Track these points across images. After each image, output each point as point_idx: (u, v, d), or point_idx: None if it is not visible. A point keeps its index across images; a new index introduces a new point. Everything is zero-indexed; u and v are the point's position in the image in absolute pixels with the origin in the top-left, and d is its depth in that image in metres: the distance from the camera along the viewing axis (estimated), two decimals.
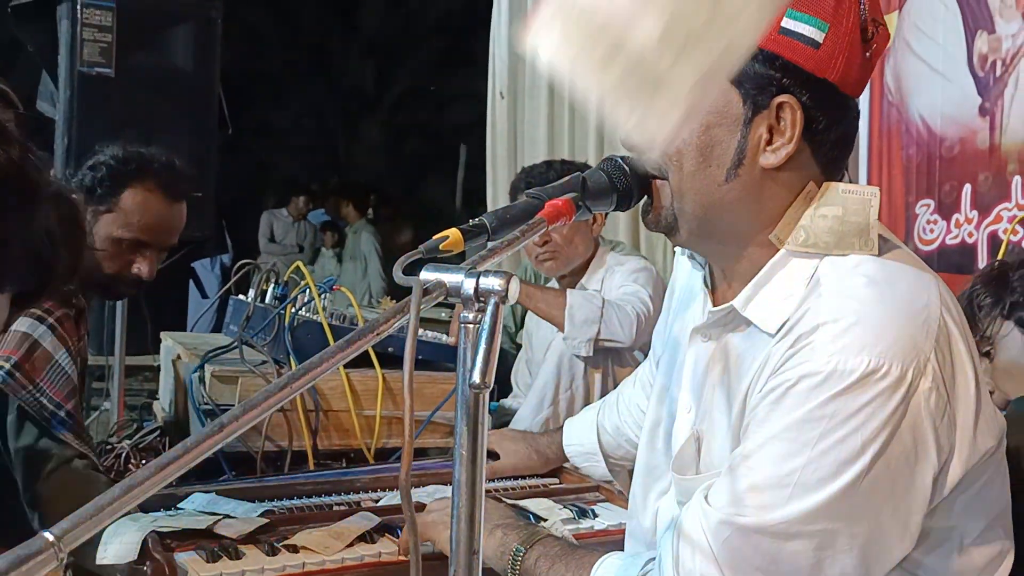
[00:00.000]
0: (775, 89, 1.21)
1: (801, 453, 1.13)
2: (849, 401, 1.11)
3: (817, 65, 1.20)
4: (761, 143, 1.23)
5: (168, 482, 0.77)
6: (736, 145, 1.23)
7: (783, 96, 1.21)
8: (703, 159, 1.24)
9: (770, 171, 1.24)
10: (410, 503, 0.92)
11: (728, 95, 1.22)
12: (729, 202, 1.25)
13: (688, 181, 1.25)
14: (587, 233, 3.08)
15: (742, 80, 1.21)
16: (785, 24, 1.19)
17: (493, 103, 5.79)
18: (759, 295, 1.25)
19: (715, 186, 1.25)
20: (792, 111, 1.21)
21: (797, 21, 1.19)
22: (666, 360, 1.52)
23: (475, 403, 0.96)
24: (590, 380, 2.89)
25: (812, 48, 1.20)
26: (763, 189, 1.25)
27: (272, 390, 0.84)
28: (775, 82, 1.21)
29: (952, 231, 3.60)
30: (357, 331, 0.94)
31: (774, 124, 1.22)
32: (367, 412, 2.30)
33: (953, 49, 3.61)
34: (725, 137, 1.23)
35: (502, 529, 1.49)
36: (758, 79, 1.21)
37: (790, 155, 1.23)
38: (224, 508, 1.75)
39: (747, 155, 1.23)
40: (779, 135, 1.22)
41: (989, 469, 1.22)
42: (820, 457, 1.12)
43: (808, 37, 1.19)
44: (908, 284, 1.20)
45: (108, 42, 3.91)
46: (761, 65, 1.20)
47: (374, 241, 9.96)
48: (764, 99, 1.21)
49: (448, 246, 1.12)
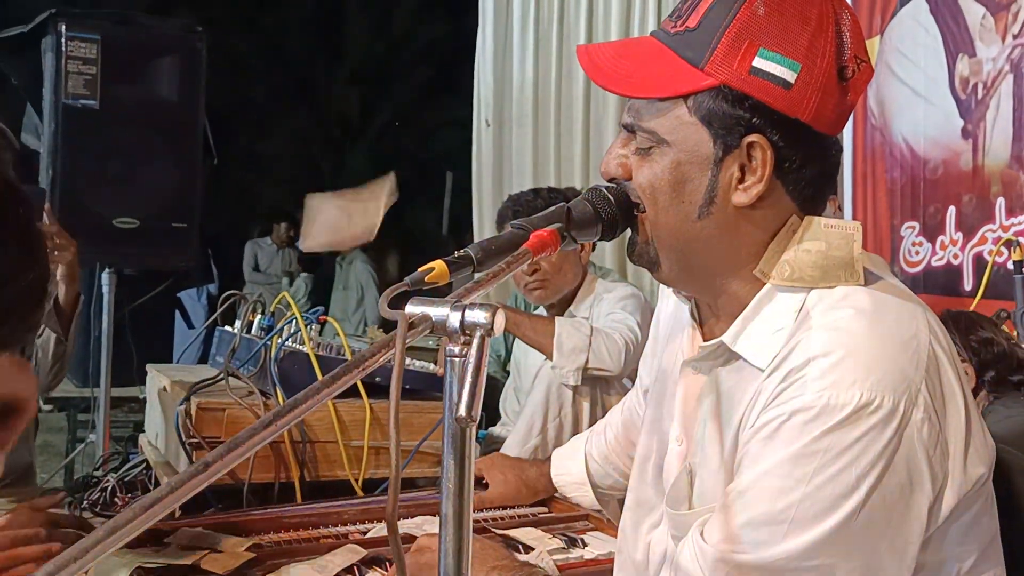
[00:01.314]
0: (743, 129, 1.21)
1: (796, 489, 1.12)
2: (843, 435, 1.11)
3: (788, 105, 1.20)
4: (732, 182, 1.23)
5: (153, 522, 0.76)
6: (707, 183, 1.23)
7: (753, 136, 1.21)
8: (675, 194, 1.24)
9: (743, 209, 1.24)
10: (397, 539, 0.91)
11: (699, 134, 1.22)
12: (704, 239, 1.26)
13: (663, 216, 1.26)
14: (575, 261, 3.08)
15: (711, 120, 1.21)
16: (756, 64, 1.19)
17: (478, 131, 5.81)
18: (748, 329, 1.25)
19: (689, 222, 1.25)
20: (763, 151, 1.21)
21: (768, 61, 1.19)
22: (655, 392, 1.52)
23: (462, 437, 0.96)
24: (578, 408, 2.88)
25: (783, 88, 1.19)
26: (738, 227, 1.25)
27: (258, 427, 0.83)
28: (743, 122, 1.21)
29: (937, 253, 3.62)
30: (344, 366, 0.93)
31: (746, 163, 1.22)
32: (354, 443, 2.28)
33: (935, 72, 3.64)
34: (696, 175, 1.23)
35: (498, 571, 1.48)
36: (726, 119, 1.21)
37: (760, 194, 1.23)
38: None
39: (718, 193, 1.23)
40: (751, 174, 1.22)
41: (980, 499, 1.21)
42: (816, 492, 1.11)
43: (779, 77, 1.19)
44: (896, 315, 1.20)
45: (93, 74, 3.91)
46: (730, 105, 1.20)
47: (370, 270, 9.95)
48: (734, 139, 1.21)
49: (433, 278, 1.11)
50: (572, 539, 1.86)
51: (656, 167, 1.25)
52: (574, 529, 1.95)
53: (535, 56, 5.41)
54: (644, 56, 1.26)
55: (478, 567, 1.46)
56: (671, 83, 1.22)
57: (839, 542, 1.11)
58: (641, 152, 1.26)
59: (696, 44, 1.21)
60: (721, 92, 1.20)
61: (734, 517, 1.16)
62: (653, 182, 1.25)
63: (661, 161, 1.24)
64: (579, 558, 1.80)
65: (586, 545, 1.85)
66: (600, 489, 1.95)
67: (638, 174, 1.26)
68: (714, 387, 1.31)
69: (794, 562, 1.12)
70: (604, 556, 1.79)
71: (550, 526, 1.95)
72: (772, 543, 1.13)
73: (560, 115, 5.25)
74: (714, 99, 1.20)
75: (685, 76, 1.21)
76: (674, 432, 1.39)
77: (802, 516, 1.12)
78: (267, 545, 1.78)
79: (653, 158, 1.25)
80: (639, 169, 1.26)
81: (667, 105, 1.23)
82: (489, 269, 1.13)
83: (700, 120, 1.21)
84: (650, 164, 1.25)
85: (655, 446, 1.46)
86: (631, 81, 1.24)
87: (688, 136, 1.22)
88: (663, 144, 1.24)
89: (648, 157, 1.25)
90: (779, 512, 1.13)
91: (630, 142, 1.28)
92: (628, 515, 1.51)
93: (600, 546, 1.85)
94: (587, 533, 1.93)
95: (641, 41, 1.29)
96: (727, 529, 1.16)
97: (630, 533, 1.49)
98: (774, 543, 1.13)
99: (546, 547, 1.80)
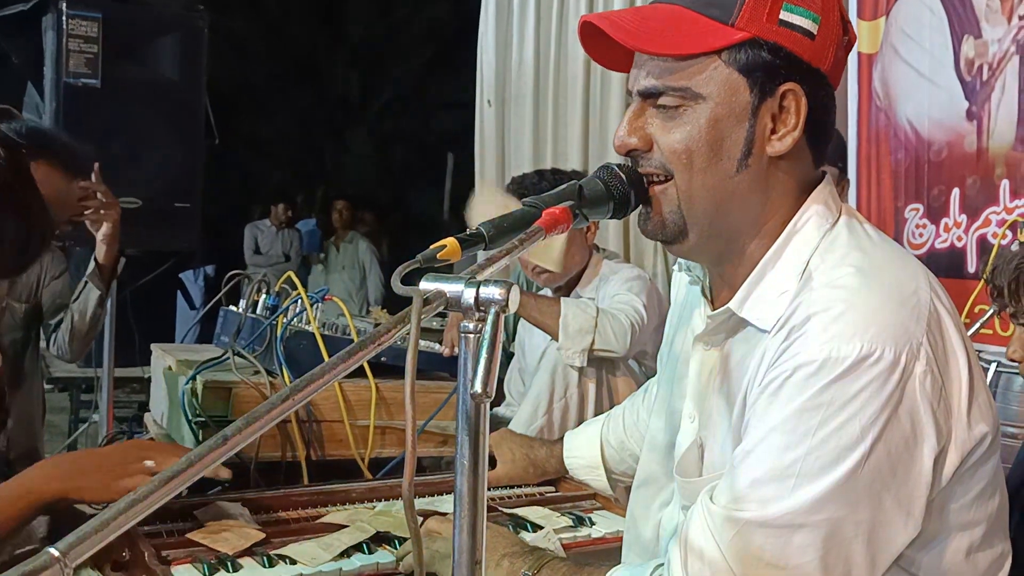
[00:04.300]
0: (781, 77, 1.24)
1: (801, 443, 1.13)
2: (845, 387, 1.12)
3: (813, 55, 1.24)
4: (766, 132, 1.25)
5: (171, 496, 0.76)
6: (745, 135, 1.25)
7: (788, 83, 1.24)
8: (714, 153, 1.25)
9: (775, 160, 1.27)
10: (414, 516, 0.91)
11: (736, 85, 1.24)
12: (741, 193, 1.27)
13: (699, 178, 1.26)
14: (581, 242, 3.07)
15: (750, 69, 1.23)
16: (783, 16, 1.22)
17: (481, 111, 5.78)
18: (753, 294, 1.26)
19: (727, 179, 1.26)
20: (796, 98, 1.24)
21: (793, 14, 1.22)
22: (667, 374, 1.52)
23: (476, 412, 0.96)
24: (584, 389, 2.88)
25: (808, 39, 1.23)
26: (770, 177, 1.28)
27: (275, 402, 0.83)
28: (781, 70, 1.23)
29: (941, 235, 3.61)
30: (358, 342, 0.93)
31: (776, 113, 1.25)
32: (360, 422, 2.29)
33: (940, 54, 3.62)
34: (733, 128, 1.25)
35: (508, 559, 1.48)
36: (766, 67, 1.23)
37: (796, 141, 1.25)
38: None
39: (755, 144, 1.25)
40: (782, 124, 1.25)
41: (986, 464, 1.22)
42: (820, 445, 1.12)
43: (805, 29, 1.23)
44: (896, 271, 1.22)
45: (94, 53, 3.90)
46: (767, 54, 1.22)
47: (373, 249, 9.97)
48: (771, 87, 1.24)
49: (446, 255, 1.11)
50: (580, 518, 1.86)
51: (690, 127, 1.25)
52: (582, 508, 1.95)
53: (535, 35, 5.38)
54: (666, 18, 1.26)
55: (489, 555, 1.46)
56: (703, 39, 1.23)
57: (845, 495, 1.12)
58: (668, 113, 1.26)
59: (720, 2, 1.23)
60: (756, 43, 1.22)
61: (741, 476, 1.17)
62: (689, 143, 1.25)
63: (696, 120, 1.24)
64: (587, 536, 1.80)
65: (594, 524, 1.85)
66: (614, 474, 1.95)
67: (668, 138, 1.26)
68: (725, 360, 1.32)
69: (801, 517, 1.13)
70: (612, 534, 1.80)
71: (558, 505, 1.95)
72: (779, 498, 1.14)
73: (559, 94, 5.23)
74: (750, 49, 1.23)
75: (716, 32, 1.23)
76: (687, 410, 1.39)
77: (808, 470, 1.13)
78: (276, 523, 1.79)
79: (685, 118, 1.25)
80: (668, 133, 1.26)
81: (697, 62, 1.24)
82: (501, 246, 1.13)
83: (739, 70, 1.23)
84: (682, 125, 1.25)
85: (666, 425, 1.47)
86: (662, 39, 1.24)
87: (724, 88, 1.24)
88: (698, 99, 1.24)
89: (678, 118, 1.25)
90: (785, 467, 1.14)
91: (645, 111, 1.28)
92: (638, 493, 1.51)
93: (607, 524, 1.85)
94: (594, 512, 1.93)
95: (657, 7, 1.29)
96: (735, 489, 1.17)
97: (640, 510, 1.49)
98: (781, 498, 1.14)
99: (553, 525, 1.80)
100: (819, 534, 1.13)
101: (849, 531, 1.13)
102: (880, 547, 1.15)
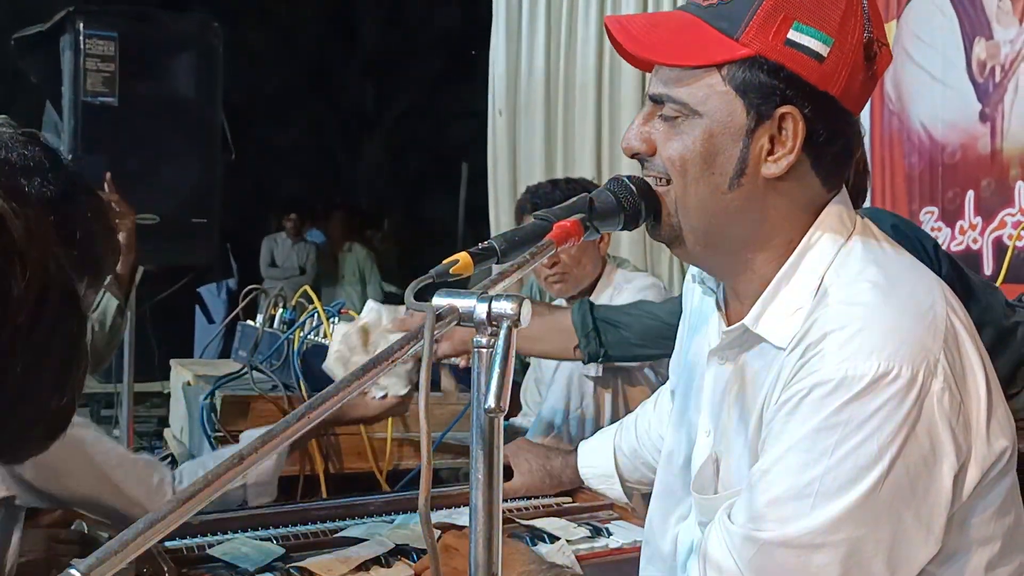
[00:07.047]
0: (778, 99, 1.22)
1: (819, 462, 1.13)
2: (863, 406, 1.11)
3: (820, 78, 1.21)
4: (762, 153, 1.24)
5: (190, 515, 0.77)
6: (739, 154, 1.24)
7: (786, 107, 1.22)
8: (707, 166, 1.25)
9: (772, 181, 1.25)
10: (431, 531, 0.91)
11: (732, 104, 1.23)
12: (732, 211, 1.26)
13: (691, 187, 1.26)
14: (595, 252, 3.08)
15: (746, 89, 1.22)
16: (791, 36, 1.20)
17: (493, 120, 5.80)
18: (768, 310, 1.26)
19: (719, 194, 1.26)
20: (794, 122, 1.22)
21: (803, 34, 1.20)
22: (682, 386, 1.52)
23: (490, 427, 0.97)
24: (600, 399, 2.88)
25: (816, 61, 1.21)
26: (765, 199, 1.26)
27: (291, 420, 0.84)
28: (778, 92, 1.22)
29: (957, 238, 3.60)
30: (373, 357, 0.94)
31: (775, 134, 1.23)
32: (378, 435, 2.30)
33: (952, 56, 3.61)
34: (728, 146, 1.24)
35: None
36: (762, 89, 1.22)
37: (791, 165, 1.23)
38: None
39: (749, 164, 1.24)
40: (780, 146, 1.23)
41: (1005, 478, 1.21)
42: (839, 464, 1.12)
43: (813, 50, 1.20)
44: (912, 287, 1.21)
45: (111, 71, 3.93)
46: (766, 75, 1.21)
47: (371, 257, 10.00)
48: (768, 109, 1.22)
49: (458, 270, 1.12)
50: (597, 528, 1.87)
51: (687, 138, 1.25)
52: (599, 518, 1.95)
53: (546, 44, 5.40)
54: (677, 27, 1.26)
55: (507, 572, 1.46)
56: (706, 52, 1.22)
57: (865, 514, 1.12)
58: (668, 122, 1.26)
59: (730, 15, 1.22)
60: (756, 62, 1.21)
61: (759, 496, 1.17)
62: (683, 153, 1.25)
63: (692, 132, 1.24)
64: (604, 547, 1.81)
65: (611, 534, 1.86)
66: (628, 483, 1.94)
67: (666, 146, 1.27)
68: (740, 375, 1.31)
69: (820, 537, 1.12)
70: (629, 545, 1.80)
71: (575, 516, 1.95)
72: (798, 518, 1.13)
73: (570, 103, 5.24)
74: (749, 69, 1.21)
75: (720, 45, 1.22)
76: (703, 424, 1.39)
77: (826, 489, 1.12)
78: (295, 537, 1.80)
79: (683, 129, 1.25)
80: (667, 141, 1.27)
81: (699, 74, 1.23)
82: (513, 260, 1.14)
83: (734, 89, 1.22)
84: (680, 136, 1.25)
85: (683, 438, 1.47)
86: (666, 49, 1.25)
87: (721, 106, 1.23)
88: (694, 115, 1.24)
89: (677, 128, 1.25)
90: (803, 487, 1.13)
91: (654, 116, 1.29)
92: (656, 506, 1.51)
93: (625, 535, 1.85)
94: (612, 522, 1.94)
95: (672, 14, 1.30)
96: (753, 508, 1.17)
97: (658, 524, 1.50)
98: (800, 518, 1.13)
99: (570, 537, 1.81)
100: (839, 553, 1.13)
101: (869, 550, 1.13)
102: (900, 565, 1.15)
